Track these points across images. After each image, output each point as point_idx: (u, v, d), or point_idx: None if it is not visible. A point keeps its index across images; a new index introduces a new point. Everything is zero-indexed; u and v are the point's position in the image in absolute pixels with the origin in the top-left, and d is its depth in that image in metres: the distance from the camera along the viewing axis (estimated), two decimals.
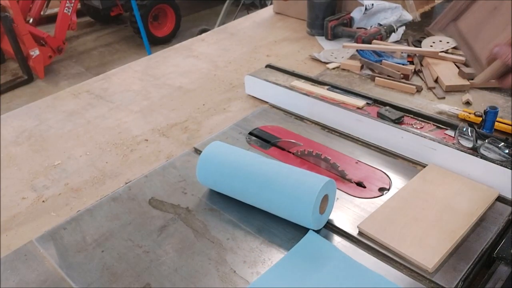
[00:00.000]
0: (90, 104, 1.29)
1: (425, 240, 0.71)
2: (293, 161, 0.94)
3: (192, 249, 0.74)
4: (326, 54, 1.40)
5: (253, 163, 0.80)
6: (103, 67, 3.86)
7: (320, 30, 1.57)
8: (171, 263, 0.72)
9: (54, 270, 0.73)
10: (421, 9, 1.67)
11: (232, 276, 0.69)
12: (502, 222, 0.75)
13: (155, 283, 0.69)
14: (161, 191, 0.88)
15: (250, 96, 1.25)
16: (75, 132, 1.16)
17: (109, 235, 0.78)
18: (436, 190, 0.82)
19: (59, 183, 0.97)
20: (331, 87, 1.18)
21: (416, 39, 1.43)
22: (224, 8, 3.80)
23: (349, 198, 0.83)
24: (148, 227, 0.79)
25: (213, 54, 1.55)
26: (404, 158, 0.93)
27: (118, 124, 1.18)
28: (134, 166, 1.01)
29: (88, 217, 0.82)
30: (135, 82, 1.40)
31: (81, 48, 4.36)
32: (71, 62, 4.08)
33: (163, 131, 1.13)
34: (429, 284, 0.66)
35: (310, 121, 1.08)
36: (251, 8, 3.97)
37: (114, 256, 0.74)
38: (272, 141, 1.00)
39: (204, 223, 0.79)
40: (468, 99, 1.10)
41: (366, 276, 0.67)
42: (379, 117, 1.02)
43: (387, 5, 1.53)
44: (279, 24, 1.77)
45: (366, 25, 1.54)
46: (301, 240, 0.73)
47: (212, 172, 0.83)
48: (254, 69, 1.33)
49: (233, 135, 1.03)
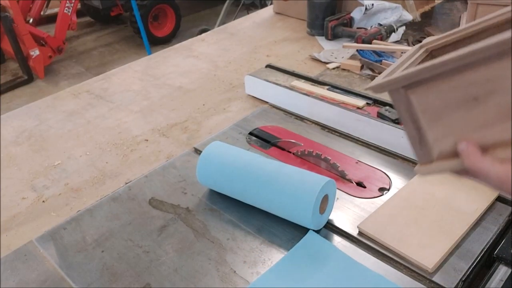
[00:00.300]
0: (90, 104, 1.29)
1: (425, 240, 0.71)
2: (293, 161, 0.94)
3: (192, 249, 0.74)
4: (326, 54, 1.40)
5: (253, 163, 0.80)
6: (103, 67, 3.86)
7: (320, 30, 1.57)
8: (171, 263, 0.72)
9: (54, 270, 0.73)
10: (421, 9, 1.67)
11: (232, 276, 0.69)
12: (502, 222, 0.75)
13: (155, 283, 0.69)
14: (161, 191, 0.88)
15: (250, 96, 1.25)
16: (75, 132, 1.16)
17: (109, 235, 0.78)
18: (436, 190, 0.82)
19: (59, 183, 0.97)
20: (331, 87, 1.18)
21: (416, 39, 1.43)
22: (224, 8, 3.80)
23: (349, 198, 0.83)
24: (148, 227, 0.79)
25: (213, 54, 1.55)
26: (404, 158, 0.93)
27: (118, 124, 1.18)
28: (134, 166, 1.01)
29: (88, 217, 0.82)
30: (135, 82, 1.40)
31: (81, 48, 4.35)
32: (71, 62, 4.08)
33: (163, 131, 1.13)
34: (429, 284, 0.66)
35: (310, 121, 1.08)
36: (251, 8, 3.97)
37: (114, 256, 0.74)
38: (272, 141, 1.00)
39: (204, 223, 0.79)
40: None
41: (366, 276, 0.67)
42: (379, 117, 1.02)
43: (387, 5, 1.53)
44: (279, 24, 1.77)
45: (366, 25, 1.54)
46: (301, 240, 0.73)
47: (212, 172, 0.83)
48: (254, 69, 1.33)
49: (233, 135, 1.03)
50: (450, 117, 0.45)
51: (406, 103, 0.46)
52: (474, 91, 0.42)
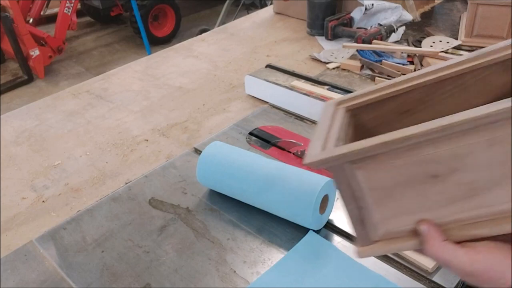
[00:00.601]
0: (90, 104, 1.29)
1: None
2: (293, 161, 0.94)
3: (192, 249, 0.74)
4: (326, 54, 1.40)
5: (253, 163, 0.80)
6: (103, 67, 3.86)
7: (320, 30, 1.57)
8: (171, 263, 0.72)
9: (54, 270, 0.73)
10: (421, 9, 1.67)
11: (232, 276, 0.69)
12: None
13: (155, 283, 0.69)
14: (161, 191, 0.88)
15: (250, 96, 1.25)
16: (75, 132, 1.16)
17: (109, 235, 0.78)
18: None
19: (59, 183, 0.97)
20: (331, 87, 1.18)
21: (416, 39, 1.43)
22: (224, 8, 3.79)
23: None
24: (148, 227, 0.79)
25: (213, 54, 1.55)
26: None
27: (118, 124, 1.18)
28: (134, 166, 1.01)
29: (88, 217, 0.82)
30: (135, 82, 1.40)
31: (81, 48, 4.35)
32: (71, 62, 4.08)
33: (163, 131, 1.13)
34: (429, 284, 0.66)
35: (310, 121, 1.08)
36: (251, 8, 3.97)
37: (114, 256, 0.74)
38: (272, 141, 1.00)
39: (204, 223, 0.79)
40: None
41: (366, 276, 0.67)
42: None
43: (387, 5, 1.53)
44: (279, 24, 1.77)
45: (366, 25, 1.54)
46: (301, 240, 0.73)
47: (212, 172, 0.83)
48: (254, 69, 1.33)
49: (233, 135, 1.03)
50: (403, 195, 0.40)
51: (350, 180, 0.40)
52: (435, 168, 0.38)
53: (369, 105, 0.48)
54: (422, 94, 0.48)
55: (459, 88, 0.47)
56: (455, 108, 0.40)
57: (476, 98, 0.47)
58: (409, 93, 0.47)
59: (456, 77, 0.46)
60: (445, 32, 1.48)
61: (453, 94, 0.47)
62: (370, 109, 0.49)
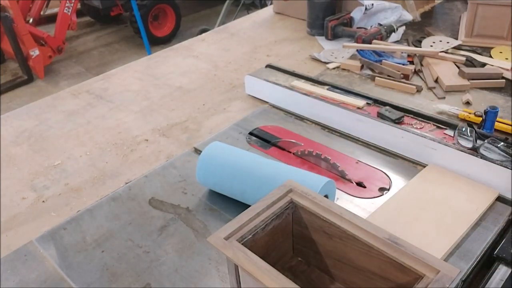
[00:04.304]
0: (90, 104, 1.29)
1: (425, 240, 0.71)
2: (293, 161, 0.94)
3: (192, 249, 0.74)
4: (326, 54, 1.40)
5: (253, 163, 0.80)
6: (103, 67, 3.85)
7: (320, 30, 1.57)
8: (171, 263, 0.72)
9: (54, 270, 0.73)
10: (421, 9, 1.67)
11: None
12: (502, 222, 0.75)
13: (155, 283, 0.69)
14: (161, 191, 0.88)
15: (250, 96, 1.25)
16: (75, 132, 1.16)
17: (109, 235, 0.78)
18: (436, 190, 0.82)
19: (59, 183, 0.97)
20: (331, 87, 1.18)
21: (416, 39, 1.43)
22: (224, 8, 3.79)
23: (349, 198, 0.83)
24: (148, 227, 0.79)
25: (213, 54, 1.55)
26: (404, 158, 0.93)
27: (118, 124, 1.18)
28: (134, 166, 1.01)
29: (88, 217, 0.82)
30: (135, 82, 1.40)
31: (81, 48, 4.35)
32: (71, 62, 4.08)
33: (163, 131, 1.13)
34: None
35: (310, 121, 1.08)
36: (251, 8, 3.97)
37: (114, 256, 0.74)
38: (272, 141, 1.00)
39: (204, 223, 0.79)
40: (468, 99, 1.10)
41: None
42: (379, 117, 1.02)
43: (387, 5, 1.53)
44: (279, 24, 1.77)
45: (366, 25, 1.54)
46: None
47: (212, 173, 0.82)
48: (254, 69, 1.33)
49: (233, 135, 1.03)
50: None
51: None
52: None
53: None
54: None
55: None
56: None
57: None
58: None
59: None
60: (445, 32, 1.48)
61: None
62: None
